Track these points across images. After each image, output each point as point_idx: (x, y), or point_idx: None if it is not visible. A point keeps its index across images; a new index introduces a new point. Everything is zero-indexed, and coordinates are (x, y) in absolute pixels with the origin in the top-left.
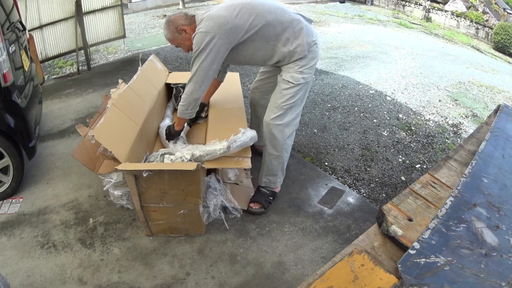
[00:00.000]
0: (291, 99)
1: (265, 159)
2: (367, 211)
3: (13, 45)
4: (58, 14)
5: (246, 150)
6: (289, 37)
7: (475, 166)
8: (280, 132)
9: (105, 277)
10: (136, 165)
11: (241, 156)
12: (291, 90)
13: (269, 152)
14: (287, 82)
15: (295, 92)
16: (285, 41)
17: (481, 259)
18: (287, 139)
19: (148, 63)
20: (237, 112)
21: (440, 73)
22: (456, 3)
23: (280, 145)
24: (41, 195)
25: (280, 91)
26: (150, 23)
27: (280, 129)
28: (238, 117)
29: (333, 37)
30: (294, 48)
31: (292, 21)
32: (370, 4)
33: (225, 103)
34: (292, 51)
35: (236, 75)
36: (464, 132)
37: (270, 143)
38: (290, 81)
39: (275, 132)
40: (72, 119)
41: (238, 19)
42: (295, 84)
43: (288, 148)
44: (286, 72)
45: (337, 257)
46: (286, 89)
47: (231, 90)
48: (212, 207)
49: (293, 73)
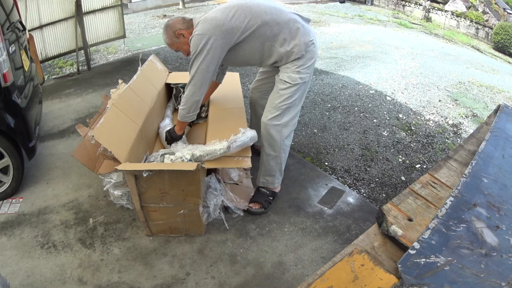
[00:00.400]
0: (288, 99)
1: (263, 160)
2: (367, 211)
3: (13, 45)
4: (58, 14)
5: (246, 150)
6: (286, 37)
7: (475, 166)
8: (277, 133)
9: (105, 277)
10: (136, 165)
11: (241, 156)
12: (289, 90)
13: (266, 152)
14: (284, 82)
15: (293, 92)
16: (282, 42)
17: (481, 259)
18: (285, 139)
19: (148, 63)
20: (237, 112)
21: (440, 73)
22: (456, 3)
23: (278, 146)
24: (41, 195)
25: (278, 91)
26: (150, 23)
27: (278, 129)
28: (238, 117)
29: (333, 37)
30: (291, 48)
31: (289, 21)
32: (370, 4)
33: (225, 103)
34: (289, 51)
35: (236, 75)
36: (464, 132)
37: (267, 144)
38: (287, 81)
39: (272, 133)
40: (72, 119)
41: (234, 20)
42: (292, 84)
43: (286, 149)
44: (283, 72)
45: (337, 257)
46: (284, 89)
47: (231, 90)
48: (212, 207)
49: (290, 73)
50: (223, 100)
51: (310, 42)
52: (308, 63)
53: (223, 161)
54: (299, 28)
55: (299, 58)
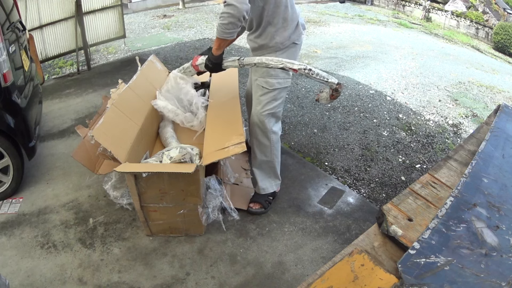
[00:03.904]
0: (268, 104)
1: (256, 166)
2: (367, 211)
3: (13, 45)
4: (58, 14)
5: (239, 136)
6: (283, 23)
7: (475, 166)
8: (266, 138)
9: (105, 277)
10: (135, 166)
11: (233, 144)
12: (267, 96)
13: (259, 158)
14: (262, 88)
15: (272, 97)
16: (277, 23)
17: (481, 259)
18: (275, 144)
19: (148, 63)
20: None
21: (440, 73)
22: (456, 3)
23: (268, 150)
24: (41, 195)
25: (257, 97)
26: (150, 23)
27: (266, 135)
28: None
29: (333, 37)
30: (277, 35)
31: (295, 16)
32: (370, 4)
33: (221, 97)
34: (274, 36)
35: (235, 70)
36: (464, 132)
37: (258, 150)
38: (264, 86)
39: (261, 139)
40: (72, 119)
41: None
42: (270, 90)
43: (277, 153)
44: (260, 77)
45: (337, 257)
46: (262, 95)
47: (227, 84)
48: (211, 208)
49: (268, 78)
50: (220, 94)
51: (293, 44)
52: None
53: (218, 154)
54: (298, 25)
55: (275, 53)
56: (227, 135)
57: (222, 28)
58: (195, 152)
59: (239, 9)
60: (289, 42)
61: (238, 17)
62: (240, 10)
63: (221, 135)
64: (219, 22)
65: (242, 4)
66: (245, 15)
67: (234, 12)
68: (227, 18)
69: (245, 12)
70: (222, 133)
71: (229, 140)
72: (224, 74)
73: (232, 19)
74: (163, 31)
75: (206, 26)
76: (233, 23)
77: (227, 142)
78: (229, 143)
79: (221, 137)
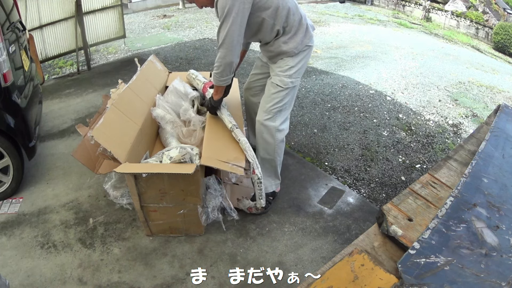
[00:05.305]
0: (279, 102)
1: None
2: (367, 211)
3: (13, 45)
4: (58, 14)
5: (240, 158)
6: (292, 29)
7: (475, 166)
8: (271, 136)
9: (105, 277)
10: (135, 167)
11: (235, 164)
12: (280, 94)
13: (261, 156)
14: (276, 85)
15: (284, 96)
16: (288, 31)
17: (481, 259)
18: (279, 142)
19: (147, 63)
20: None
21: (440, 73)
22: (456, 3)
23: (272, 149)
24: (41, 195)
25: (269, 95)
26: (150, 23)
27: (272, 132)
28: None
29: (333, 37)
30: (290, 42)
31: (302, 18)
32: (370, 4)
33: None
34: (287, 43)
35: (235, 81)
36: (464, 132)
37: (262, 147)
38: (279, 84)
39: (266, 136)
40: (72, 119)
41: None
42: (283, 88)
43: (280, 152)
44: (275, 76)
45: (337, 257)
46: (275, 93)
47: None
48: (211, 208)
49: (283, 77)
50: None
51: (306, 46)
52: (299, 65)
53: (218, 163)
54: (308, 28)
55: (292, 57)
56: (228, 150)
57: (217, 77)
58: (195, 152)
59: (231, 54)
60: (302, 46)
61: (230, 63)
62: (231, 55)
63: (222, 144)
64: (214, 72)
65: (233, 51)
66: (236, 61)
67: (226, 54)
68: (220, 67)
69: (236, 57)
70: (222, 143)
71: (229, 154)
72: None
73: (224, 67)
74: (163, 31)
75: (206, 26)
76: (226, 70)
77: (226, 156)
78: (229, 159)
79: (222, 147)
